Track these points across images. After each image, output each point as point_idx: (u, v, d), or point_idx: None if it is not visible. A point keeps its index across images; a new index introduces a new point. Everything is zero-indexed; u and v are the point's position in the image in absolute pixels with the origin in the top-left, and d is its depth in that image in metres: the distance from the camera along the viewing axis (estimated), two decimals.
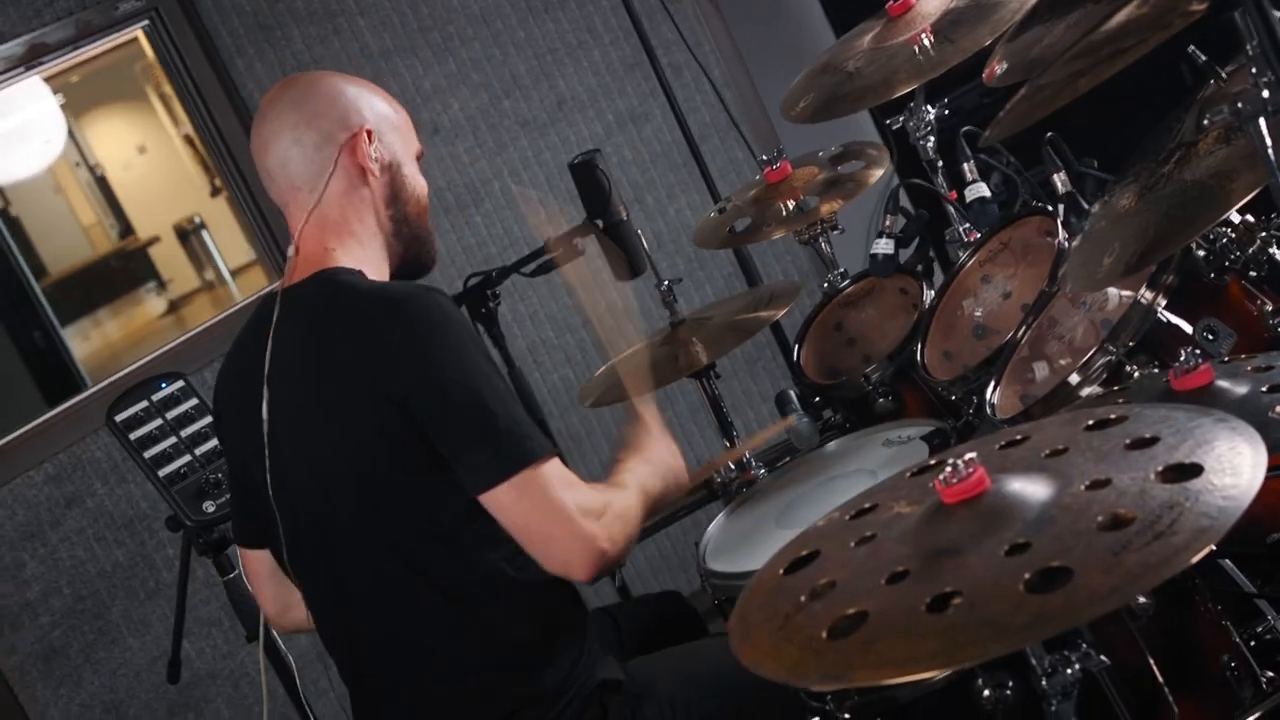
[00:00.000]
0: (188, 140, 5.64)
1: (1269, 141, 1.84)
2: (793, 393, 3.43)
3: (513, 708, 2.56)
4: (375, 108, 2.70)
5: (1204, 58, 2.31)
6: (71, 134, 5.73)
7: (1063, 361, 2.98)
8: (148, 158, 6.00)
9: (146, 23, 4.74)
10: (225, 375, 2.79)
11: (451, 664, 2.59)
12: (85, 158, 5.96)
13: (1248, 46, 1.82)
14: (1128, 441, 1.84)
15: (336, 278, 2.59)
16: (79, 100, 5.74)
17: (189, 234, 5.99)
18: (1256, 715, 2.19)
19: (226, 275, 5.87)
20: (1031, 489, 1.80)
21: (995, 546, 1.73)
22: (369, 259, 2.65)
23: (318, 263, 2.62)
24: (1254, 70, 1.83)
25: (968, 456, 1.83)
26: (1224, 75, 2.27)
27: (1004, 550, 1.71)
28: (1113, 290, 2.98)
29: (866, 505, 2.01)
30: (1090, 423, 1.94)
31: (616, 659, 2.74)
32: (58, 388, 4.81)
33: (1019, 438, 1.99)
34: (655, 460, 2.79)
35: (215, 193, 5.71)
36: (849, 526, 1.97)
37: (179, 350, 4.67)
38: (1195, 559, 1.60)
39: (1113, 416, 1.93)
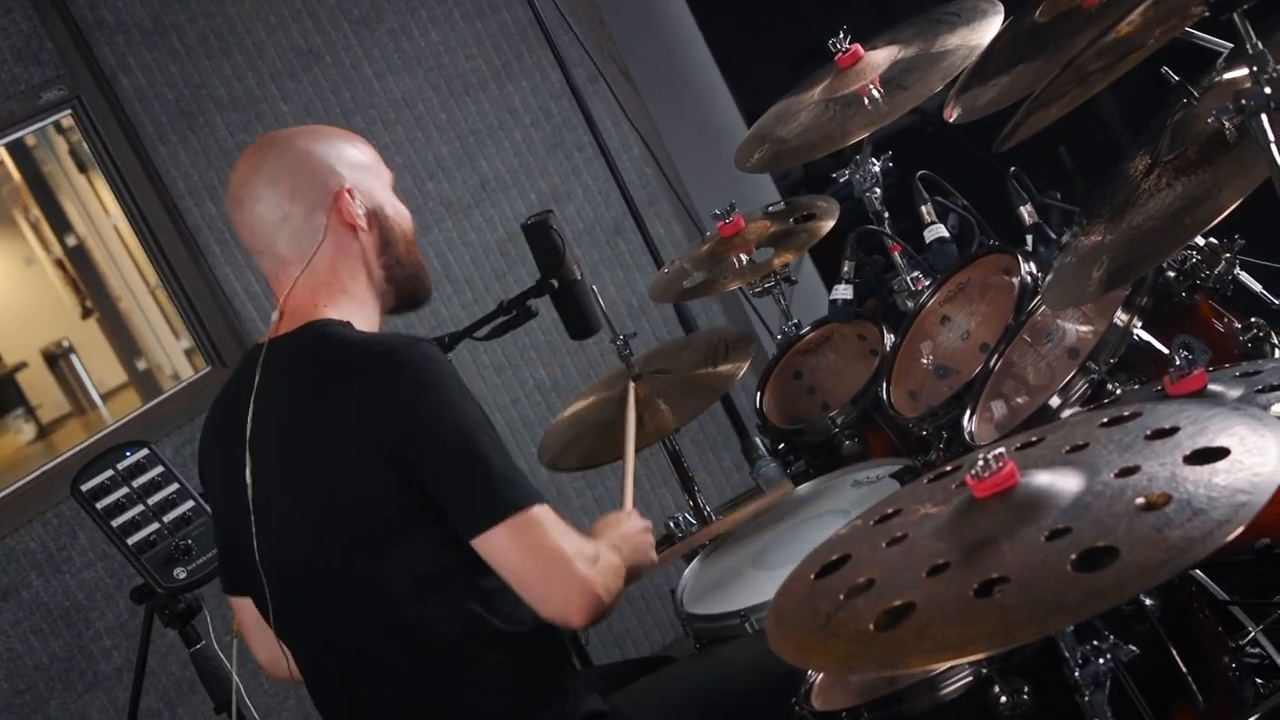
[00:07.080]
0: (58, 263, 5.55)
1: (1271, 135, 1.92)
2: (759, 440, 3.46)
3: None
4: (346, 158, 2.68)
5: (1176, 78, 2.38)
6: None
7: (1020, 400, 3.03)
8: (14, 281, 5.83)
9: (70, 111, 4.70)
10: (210, 428, 2.75)
11: (444, 714, 2.57)
12: None
13: (1247, 46, 1.89)
14: (1148, 433, 1.88)
15: (325, 329, 2.58)
16: None
17: (58, 358, 5.84)
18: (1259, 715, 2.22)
19: (97, 399, 5.71)
20: (1061, 480, 1.83)
21: (1034, 534, 1.75)
22: (358, 310, 2.64)
23: (305, 315, 2.61)
24: (1256, 68, 1.91)
25: (996, 451, 1.86)
26: (1196, 95, 2.34)
27: (1044, 536, 1.74)
28: (1070, 326, 3.05)
29: (890, 510, 2.03)
30: (1105, 420, 1.98)
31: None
32: None
33: (1034, 439, 2.03)
34: (628, 534, 2.79)
35: (86, 314, 5.60)
36: (875, 530, 1.99)
37: (141, 419, 4.62)
38: (1236, 531, 1.64)
39: (1126, 414, 1.97)
